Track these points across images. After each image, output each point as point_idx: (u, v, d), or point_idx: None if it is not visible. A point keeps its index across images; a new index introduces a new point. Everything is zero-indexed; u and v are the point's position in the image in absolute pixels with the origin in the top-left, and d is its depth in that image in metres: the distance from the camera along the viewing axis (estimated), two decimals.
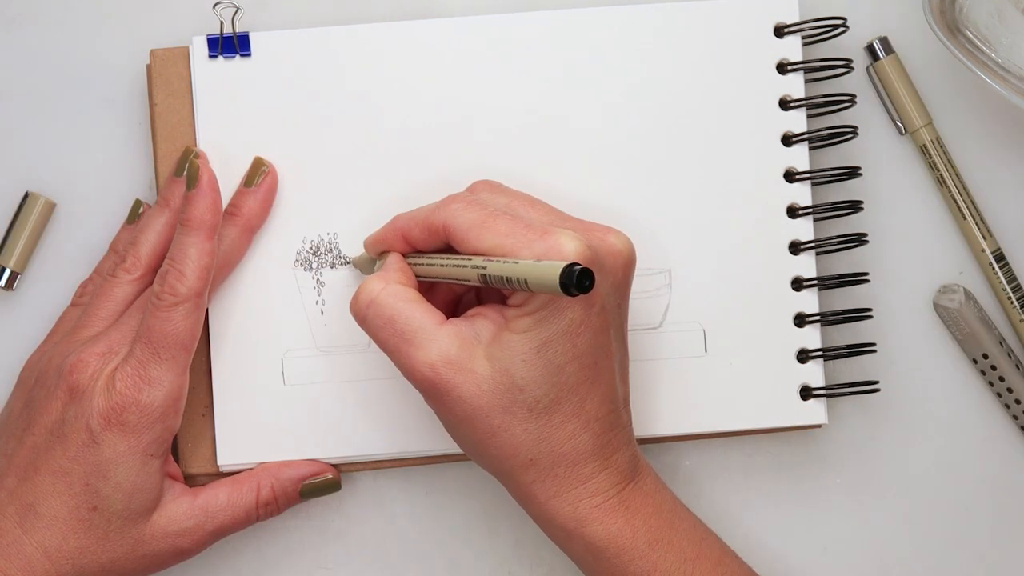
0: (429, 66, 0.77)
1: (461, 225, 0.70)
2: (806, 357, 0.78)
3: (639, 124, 0.78)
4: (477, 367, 0.69)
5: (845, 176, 0.78)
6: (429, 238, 0.71)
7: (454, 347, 0.69)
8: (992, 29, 0.76)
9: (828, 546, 0.81)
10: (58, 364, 0.74)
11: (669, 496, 0.73)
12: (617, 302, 0.70)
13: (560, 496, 0.70)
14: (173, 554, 0.75)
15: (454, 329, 0.69)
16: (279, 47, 0.77)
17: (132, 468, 0.72)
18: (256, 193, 0.77)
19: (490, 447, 0.70)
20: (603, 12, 0.78)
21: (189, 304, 0.72)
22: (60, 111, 0.80)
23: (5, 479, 0.73)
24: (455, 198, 0.71)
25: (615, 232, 0.70)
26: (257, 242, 0.77)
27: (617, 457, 0.71)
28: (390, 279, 0.71)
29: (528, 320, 0.68)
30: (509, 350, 0.68)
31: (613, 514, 0.70)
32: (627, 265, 0.70)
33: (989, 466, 0.81)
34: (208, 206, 0.73)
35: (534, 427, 0.69)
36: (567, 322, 0.68)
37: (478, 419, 0.69)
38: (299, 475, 0.77)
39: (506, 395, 0.68)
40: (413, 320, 0.70)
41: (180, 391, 0.73)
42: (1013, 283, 0.80)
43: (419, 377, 0.69)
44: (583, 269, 0.62)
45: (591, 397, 0.70)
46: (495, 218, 0.69)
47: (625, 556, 0.70)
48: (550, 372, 0.68)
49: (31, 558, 0.72)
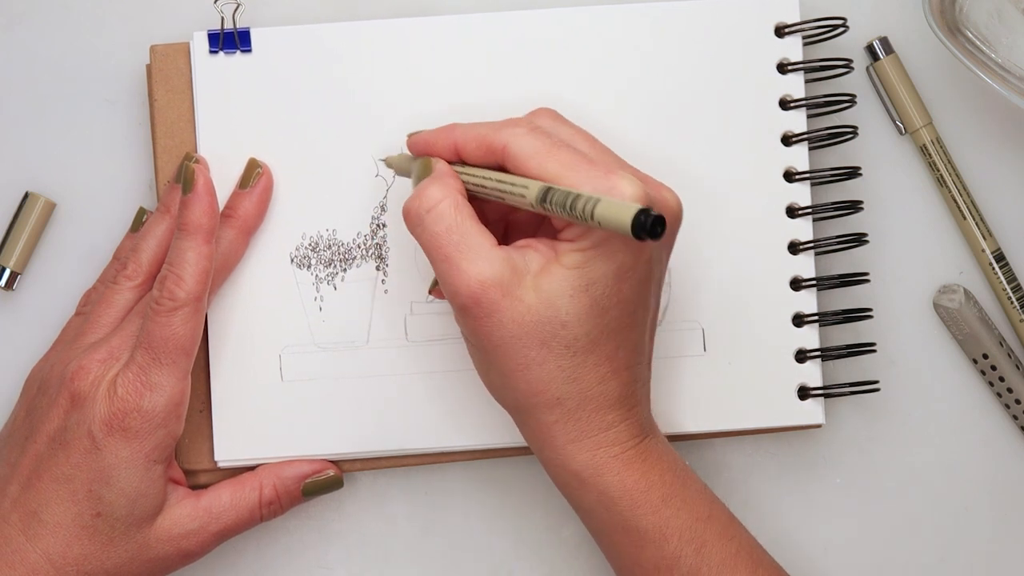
0: (429, 63, 0.78)
1: (524, 150, 0.69)
2: (804, 357, 0.78)
3: (639, 123, 0.78)
4: (524, 295, 0.68)
5: (845, 176, 0.78)
6: (485, 156, 0.70)
7: (507, 270, 0.68)
8: (992, 29, 0.77)
9: (828, 546, 0.81)
10: (60, 372, 0.74)
11: (678, 457, 0.73)
12: (662, 257, 0.71)
13: (580, 441, 0.70)
14: (178, 557, 0.75)
15: (507, 254, 0.68)
16: (280, 43, 0.77)
17: (135, 474, 0.72)
18: (251, 194, 0.77)
19: (520, 380, 0.69)
20: (603, 11, 0.78)
21: (189, 308, 0.72)
22: (60, 111, 0.80)
23: (9, 487, 0.73)
24: (517, 121, 0.71)
25: (668, 188, 0.70)
26: (256, 238, 0.78)
27: (638, 410, 0.71)
28: (451, 188, 0.70)
29: (580, 256, 0.68)
30: (558, 283, 0.68)
31: (630, 466, 0.70)
32: (677, 221, 0.70)
33: (989, 466, 0.81)
34: (204, 210, 0.73)
35: (568, 364, 0.69)
36: (617, 265, 0.68)
37: (515, 348, 0.68)
38: (301, 473, 0.77)
39: (547, 328, 0.68)
40: (470, 235, 0.68)
41: (182, 396, 0.73)
42: (1013, 283, 0.80)
43: (466, 292, 0.68)
44: (659, 216, 0.61)
45: (625, 345, 0.69)
46: (559, 148, 0.68)
47: (639, 509, 0.70)
48: (595, 312, 0.68)
49: (35, 565, 0.72)
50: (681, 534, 0.70)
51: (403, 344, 0.77)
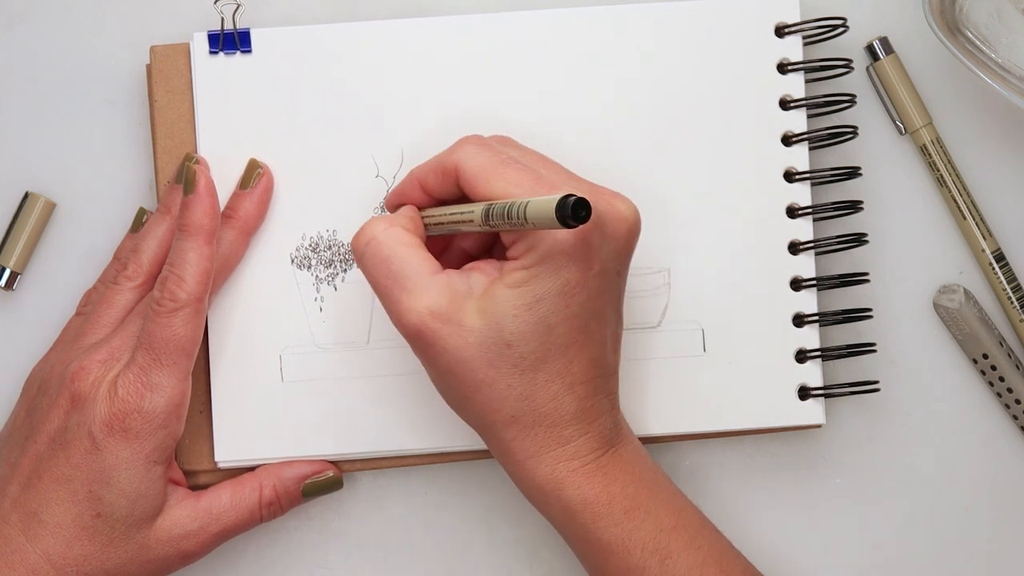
0: (430, 64, 0.78)
1: (472, 167, 0.70)
2: (805, 357, 0.78)
3: (639, 123, 0.78)
4: (466, 320, 0.68)
5: (845, 176, 0.78)
6: (443, 181, 0.71)
7: (445, 298, 0.69)
8: (992, 29, 0.77)
9: (828, 546, 0.81)
10: (60, 372, 0.74)
11: (650, 465, 0.73)
12: (617, 269, 0.70)
13: (538, 456, 0.70)
14: (178, 558, 0.75)
15: (447, 280, 0.69)
16: (280, 44, 0.77)
17: (135, 474, 0.72)
18: (252, 195, 0.77)
19: (473, 401, 0.70)
20: (603, 11, 0.78)
21: (189, 309, 0.72)
22: (60, 111, 0.80)
23: (9, 487, 0.73)
24: (469, 140, 0.72)
25: (622, 198, 0.70)
26: (256, 239, 0.78)
27: (599, 423, 0.71)
28: (395, 222, 0.71)
29: (523, 274, 0.68)
30: (501, 304, 0.68)
31: (590, 479, 0.70)
32: (631, 232, 0.70)
33: (989, 466, 0.81)
34: (206, 210, 0.73)
35: (518, 383, 0.69)
36: (563, 281, 0.68)
37: (463, 372, 0.69)
38: (300, 474, 0.77)
39: (493, 349, 0.68)
40: (408, 265, 0.69)
41: (182, 397, 0.73)
42: (1013, 283, 0.80)
43: (406, 323, 0.69)
44: (579, 199, 0.62)
45: (578, 360, 0.69)
46: (506, 165, 0.69)
47: (600, 522, 0.70)
48: (540, 330, 0.68)
49: (35, 566, 0.72)
50: (644, 546, 0.70)
51: (403, 344, 0.77)
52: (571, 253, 0.67)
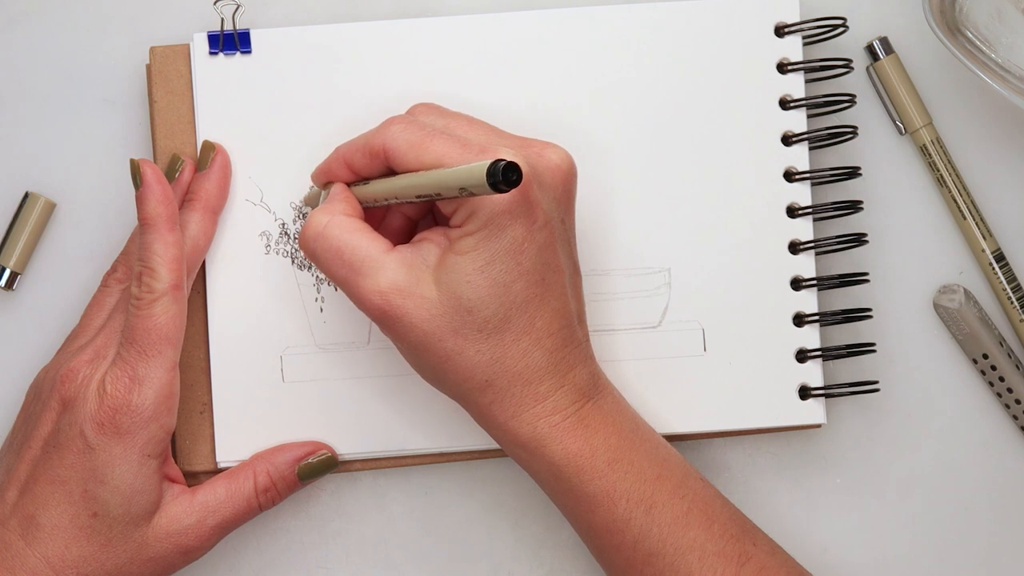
0: (429, 64, 0.78)
1: (400, 146, 0.70)
2: (805, 357, 0.78)
3: (638, 123, 0.78)
4: (425, 291, 0.69)
5: (845, 176, 0.78)
6: (371, 162, 0.72)
7: (401, 273, 0.69)
8: (992, 29, 0.77)
9: (828, 546, 0.81)
10: (52, 377, 0.74)
11: (631, 415, 0.73)
12: (561, 217, 0.71)
13: (518, 416, 0.70)
14: (178, 554, 0.74)
15: (400, 256, 0.70)
16: (280, 44, 0.77)
17: (128, 470, 0.72)
18: (210, 174, 0.77)
19: (447, 371, 0.70)
20: (603, 11, 0.78)
21: (167, 298, 0.72)
22: (60, 111, 0.80)
23: (7, 493, 0.73)
24: (394, 120, 0.72)
25: (553, 146, 0.71)
26: (256, 239, 0.78)
27: (574, 374, 0.71)
28: (335, 210, 0.72)
29: (471, 240, 0.68)
30: (454, 272, 0.69)
31: (572, 433, 0.71)
32: (567, 178, 0.71)
33: (989, 466, 0.81)
34: (159, 199, 0.73)
35: (486, 347, 0.69)
36: (509, 240, 0.68)
37: (431, 344, 0.69)
38: (294, 457, 0.77)
39: (455, 317, 0.69)
40: (360, 250, 0.70)
41: (170, 388, 0.73)
42: (1013, 283, 0.80)
43: (369, 306, 0.70)
44: (508, 163, 0.62)
45: (541, 314, 0.70)
46: (433, 137, 0.70)
47: (584, 475, 0.71)
48: (497, 291, 0.68)
49: (35, 569, 0.72)
50: (629, 496, 0.71)
51: None
52: (512, 211, 0.68)
